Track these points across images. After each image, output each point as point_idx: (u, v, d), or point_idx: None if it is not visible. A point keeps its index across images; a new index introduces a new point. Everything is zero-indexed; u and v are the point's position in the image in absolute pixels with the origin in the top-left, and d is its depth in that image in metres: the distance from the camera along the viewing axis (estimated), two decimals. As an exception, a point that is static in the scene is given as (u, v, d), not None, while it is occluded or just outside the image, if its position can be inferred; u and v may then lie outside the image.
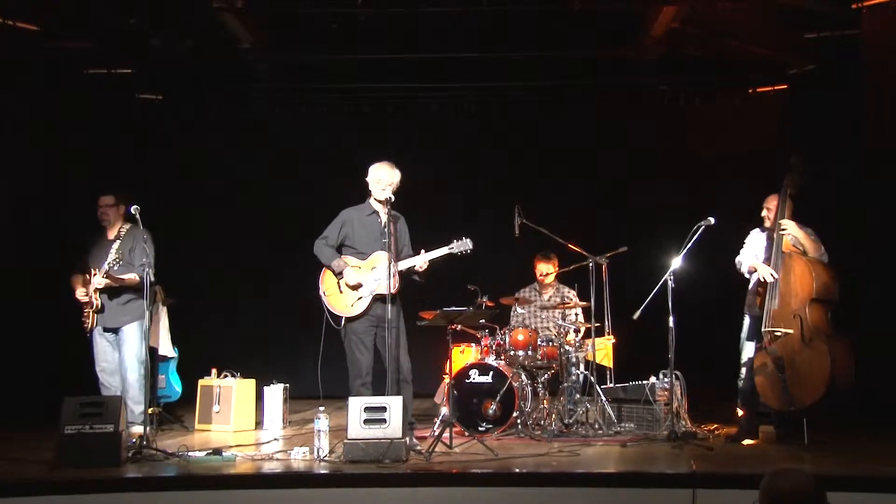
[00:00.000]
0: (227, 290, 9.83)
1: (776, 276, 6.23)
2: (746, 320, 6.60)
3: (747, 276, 6.57)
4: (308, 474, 5.38)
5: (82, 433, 5.55)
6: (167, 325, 7.95)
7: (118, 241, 6.83)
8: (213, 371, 7.65)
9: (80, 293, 6.78)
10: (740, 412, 6.61)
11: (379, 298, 6.23)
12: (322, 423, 5.71)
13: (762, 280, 6.30)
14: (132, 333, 6.77)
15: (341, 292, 6.34)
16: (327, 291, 6.40)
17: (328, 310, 6.36)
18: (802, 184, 6.42)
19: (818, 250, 6.33)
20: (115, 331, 6.81)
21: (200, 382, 7.59)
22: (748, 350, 6.52)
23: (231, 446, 6.30)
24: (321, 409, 5.77)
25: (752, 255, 6.57)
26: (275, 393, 7.56)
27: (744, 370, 6.52)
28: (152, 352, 7.48)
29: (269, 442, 6.67)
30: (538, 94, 10.02)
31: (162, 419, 7.49)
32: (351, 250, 6.41)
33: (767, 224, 6.59)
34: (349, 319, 6.30)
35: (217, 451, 5.82)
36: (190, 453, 5.79)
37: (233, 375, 7.56)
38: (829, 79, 8.56)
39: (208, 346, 8.99)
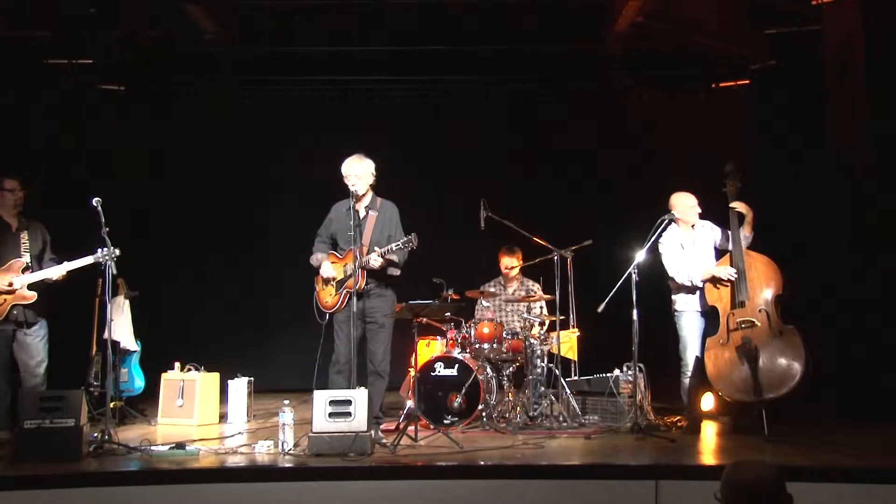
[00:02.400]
0: (190, 283, 9.74)
1: (734, 272, 6.31)
2: (685, 318, 6.66)
3: (700, 285, 6.60)
4: (272, 468, 5.35)
5: (42, 428, 5.48)
6: (129, 319, 7.84)
7: (26, 232, 6.59)
8: (177, 365, 7.56)
9: (1, 282, 6.35)
10: (691, 405, 6.69)
11: (356, 294, 6.20)
12: (286, 416, 5.67)
13: (727, 278, 6.36)
14: (45, 329, 6.57)
15: (324, 288, 6.43)
16: (318, 287, 6.51)
17: (316, 305, 6.44)
18: (739, 189, 6.53)
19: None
20: (30, 325, 6.49)
21: (163, 376, 7.51)
22: (693, 348, 6.58)
23: (194, 440, 6.25)
24: (286, 402, 5.74)
25: (695, 262, 6.63)
26: (239, 386, 7.51)
27: (690, 367, 6.59)
28: (114, 345, 7.38)
29: (232, 436, 6.63)
30: (501, 88, 10.02)
31: (124, 413, 7.39)
32: (338, 247, 6.49)
33: (692, 220, 6.72)
34: (332, 312, 6.37)
35: (180, 445, 5.76)
36: (152, 447, 5.75)
37: (196, 369, 7.49)
38: (790, 74, 8.65)
39: (171, 339, 8.90)
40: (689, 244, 6.71)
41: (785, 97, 8.65)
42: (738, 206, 6.49)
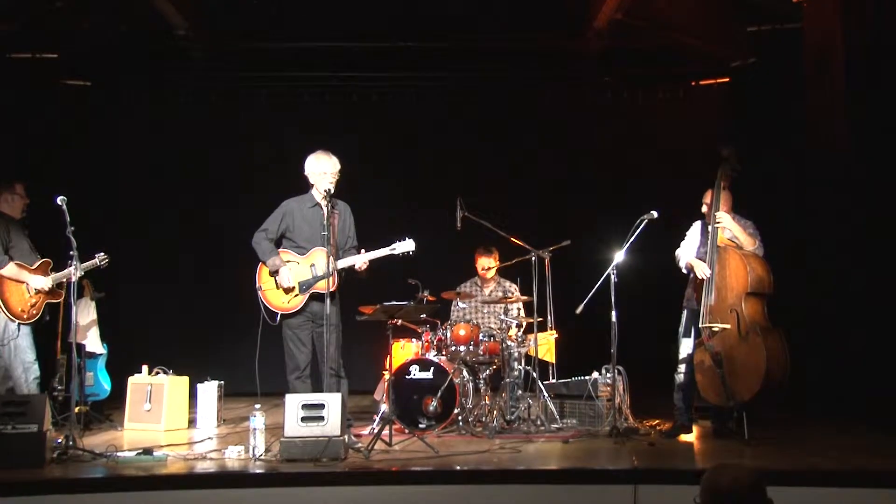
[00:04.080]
0: (159, 283, 9.65)
1: (709, 272, 6.31)
2: (685, 315, 6.68)
3: (685, 271, 6.65)
4: (243, 474, 5.31)
5: (4, 434, 5.41)
6: (96, 321, 7.78)
7: (26, 231, 6.82)
8: (144, 368, 7.50)
9: (45, 283, 6.59)
10: (677, 407, 6.70)
11: (316, 296, 6.18)
12: (258, 420, 5.63)
13: (699, 276, 6.38)
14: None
15: (278, 288, 6.29)
16: (264, 286, 6.35)
17: (264, 305, 6.30)
18: (735, 176, 6.52)
19: (753, 244, 6.42)
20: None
21: (130, 380, 7.43)
22: (686, 345, 6.60)
23: (162, 446, 6.20)
24: (257, 406, 5.70)
25: (690, 251, 6.66)
26: (209, 390, 7.46)
27: (682, 365, 6.61)
28: (79, 348, 7.32)
29: (202, 441, 6.58)
30: (480, 85, 10.01)
31: (89, 418, 7.32)
32: (291, 244, 6.37)
33: (708, 220, 6.68)
34: (285, 315, 6.25)
35: (147, 451, 5.71)
36: (119, 453, 5.68)
37: (165, 372, 7.43)
38: (770, 72, 8.71)
39: (139, 341, 8.82)
40: (703, 239, 6.69)
41: (765, 95, 8.71)
42: (722, 221, 6.41)
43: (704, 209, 6.68)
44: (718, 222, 6.40)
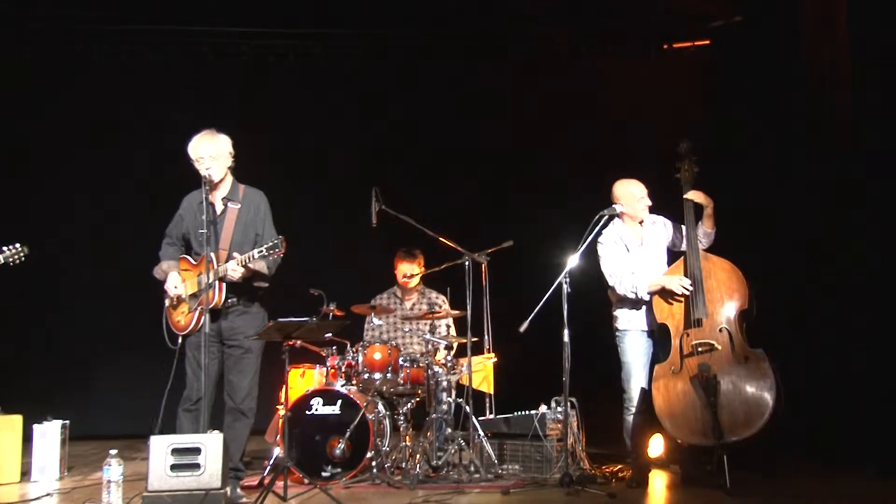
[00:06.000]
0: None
1: (689, 286, 6.39)
2: (635, 339, 6.73)
3: (647, 298, 6.68)
4: (93, 539, 5.28)
5: None
6: None
7: None
8: (-37, 405, 7.38)
9: None
10: (635, 450, 6.76)
11: (210, 311, 6.09)
12: (113, 470, 5.57)
13: (680, 294, 6.43)
14: None
15: (176, 305, 6.30)
16: (168, 302, 6.36)
17: (166, 325, 6.30)
18: (695, 174, 6.64)
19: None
20: None
21: (-56, 421, 7.31)
22: (639, 375, 6.67)
23: (-13, 505, 6.12)
24: (112, 451, 5.63)
25: (641, 269, 6.70)
26: (49, 432, 7.35)
27: (635, 403, 6.64)
28: None
29: (39, 498, 6.49)
30: (400, 47, 10.00)
31: None
32: (191, 250, 6.36)
33: (640, 215, 6.77)
34: (185, 335, 6.23)
35: (-33, 512, 5.62)
36: (-73, 517, 5.59)
37: (-10, 410, 7.32)
38: (759, 33, 8.84)
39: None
40: (635, 245, 6.79)
41: (753, 61, 8.85)
42: (695, 195, 6.57)
43: (639, 203, 6.74)
44: (693, 199, 6.55)
